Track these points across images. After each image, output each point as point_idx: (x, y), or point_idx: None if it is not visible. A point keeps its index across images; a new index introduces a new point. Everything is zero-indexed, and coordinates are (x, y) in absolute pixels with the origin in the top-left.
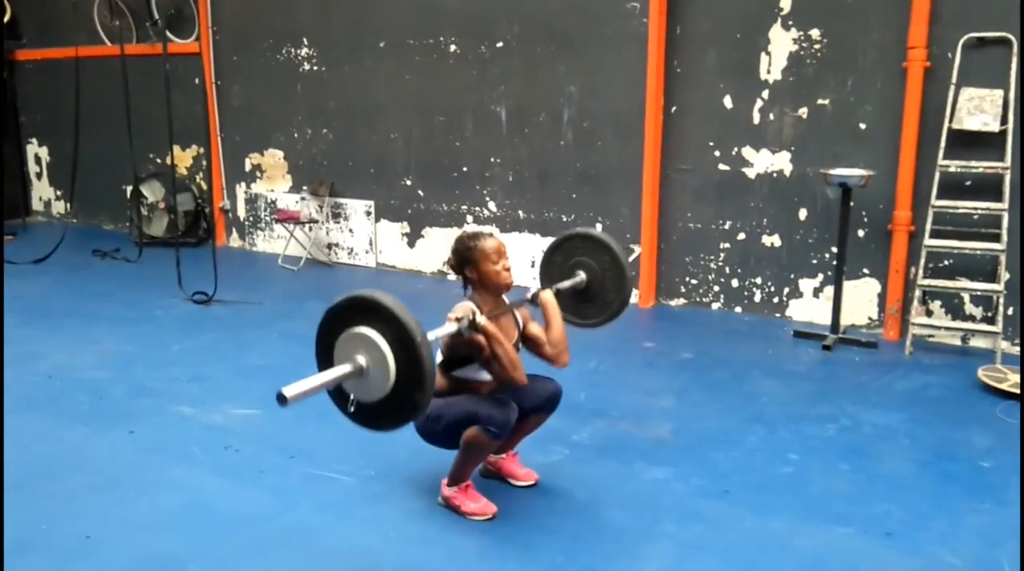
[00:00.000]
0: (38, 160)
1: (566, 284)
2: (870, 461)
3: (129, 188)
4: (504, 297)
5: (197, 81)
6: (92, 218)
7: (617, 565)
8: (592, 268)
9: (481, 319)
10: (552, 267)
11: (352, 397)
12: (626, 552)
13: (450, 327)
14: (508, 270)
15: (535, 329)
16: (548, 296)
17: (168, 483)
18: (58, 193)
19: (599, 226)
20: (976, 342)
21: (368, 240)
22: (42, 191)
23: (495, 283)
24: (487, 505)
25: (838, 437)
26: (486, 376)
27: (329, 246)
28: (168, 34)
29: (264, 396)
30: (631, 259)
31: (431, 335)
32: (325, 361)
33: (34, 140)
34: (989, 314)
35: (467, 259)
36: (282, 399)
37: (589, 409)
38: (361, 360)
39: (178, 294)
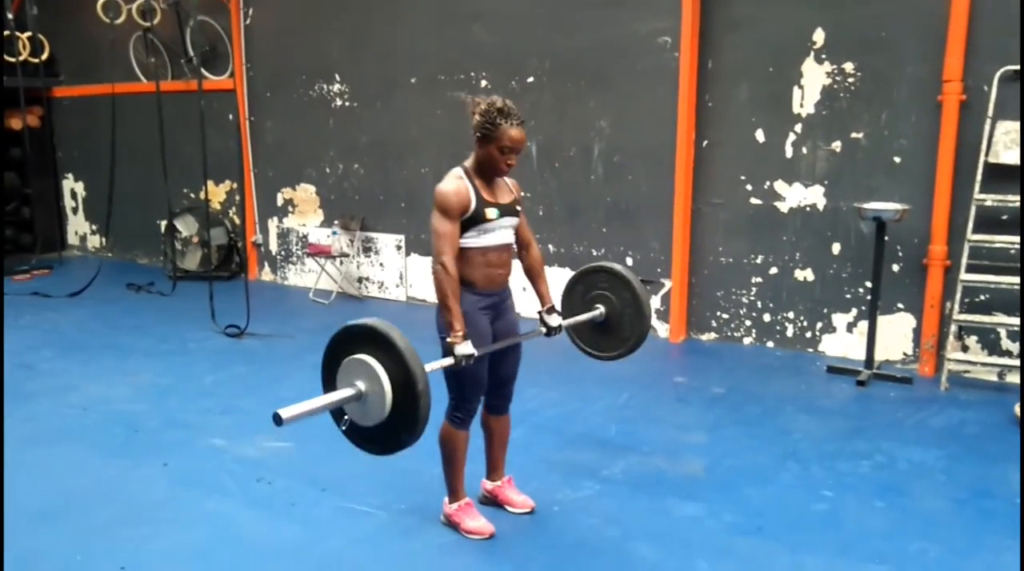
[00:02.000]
0: (74, 195)
1: (583, 317)
2: (906, 498)
3: (164, 223)
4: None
5: (231, 117)
6: (127, 252)
7: None
8: (612, 302)
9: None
10: (573, 297)
11: (347, 416)
12: None
13: (446, 361)
14: (509, 166)
15: (524, 228)
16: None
17: (201, 515)
18: (93, 227)
19: (629, 260)
20: (1012, 378)
21: (399, 274)
22: (78, 226)
23: (490, 167)
24: (486, 525)
25: (873, 474)
26: (482, 242)
27: (360, 280)
28: (203, 71)
29: (296, 429)
30: (662, 293)
31: (428, 368)
32: (330, 373)
33: (70, 175)
34: (1022, 349)
35: (486, 133)
36: (278, 420)
37: (620, 444)
38: (361, 386)
39: (211, 327)
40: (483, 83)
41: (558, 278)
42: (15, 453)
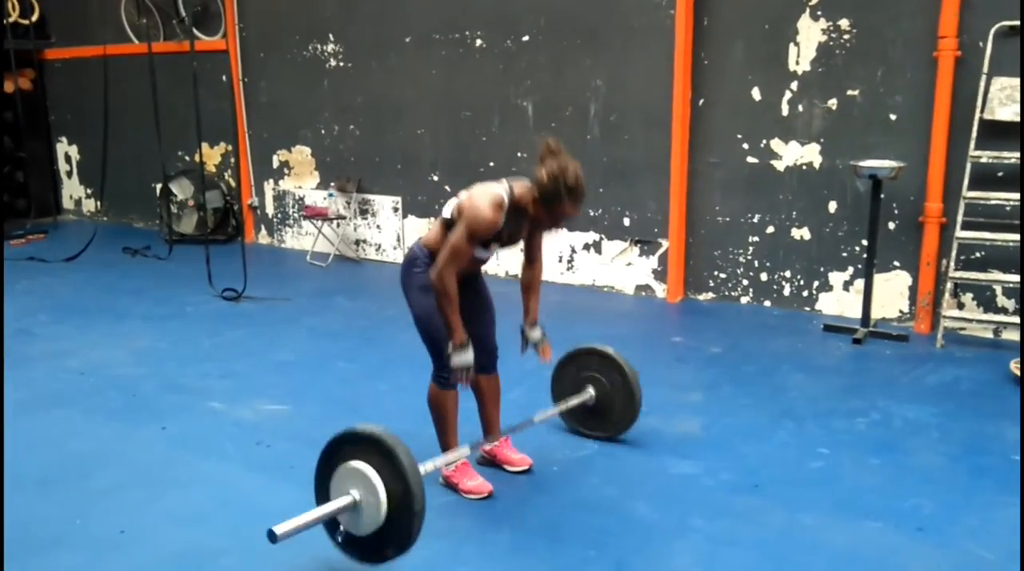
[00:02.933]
0: (68, 159)
1: (574, 401)
2: (901, 455)
3: (159, 186)
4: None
5: (224, 78)
6: (122, 216)
7: (647, 559)
8: (602, 385)
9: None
10: (565, 376)
11: (341, 527)
12: (656, 546)
13: (441, 461)
14: (554, 227)
15: (538, 247)
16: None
17: (200, 478)
18: (88, 191)
19: (626, 221)
20: (1008, 335)
21: (396, 236)
22: (72, 189)
23: (535, 218)
24: (483, 484)
25: (868, 431)
26: (473, 253)
27: (357, 242)
28: (195, 31)
29: (294, 391)
30: (659, 253)
31: (422, 469)
32: (325, 476)
33: (64, 139)
34: (1021, 306)
35: (548, 198)
36: (272, 537)
37: None
38: (355, 495)
39: (208, 291)
40: (478, 43)
41: (555, 240)
42: (13, 418)
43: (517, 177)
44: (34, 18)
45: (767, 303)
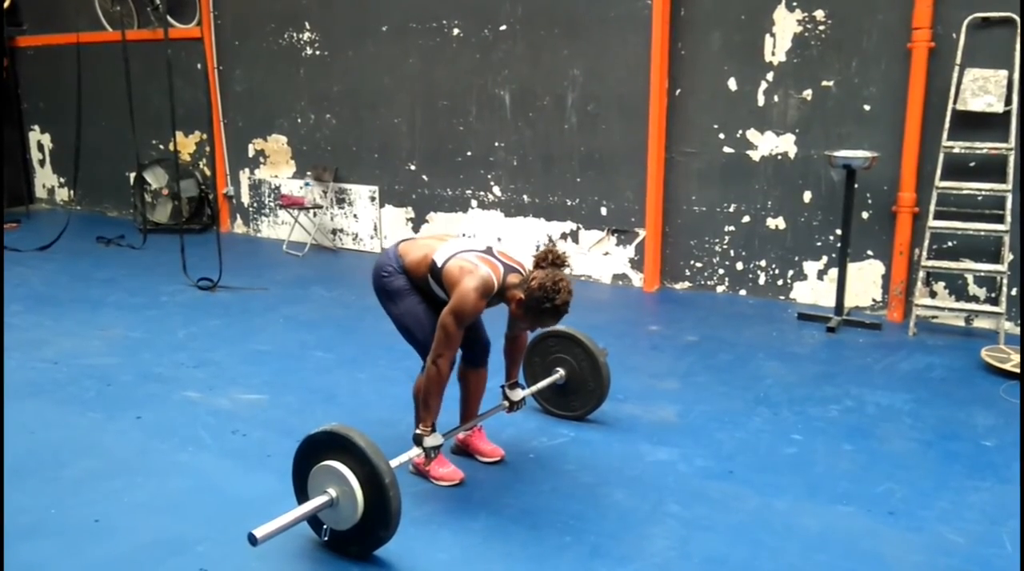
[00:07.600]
0: (41, 147)
1: (543, 383)
2: (873, 441)
3: (132, 175)
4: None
5: (199, 66)
6: (96, 205)
7: (623, 544)
8: (569, 362)
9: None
10: (532, 367)
11: (325, 526)
12: (632, 532)
13: (415, 451)
14: (530, 328)
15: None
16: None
17: (176, 467)
18: (61, 180)
19: (603, 210)
20: (979, 323)
21: (373, 225)
22: (45, 178)
23: (513, 314)
24: (455, 471)
25: (842, 418)
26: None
27: (334, 232)
28: (169, 19)
29: (271, 381)
30: (636, 242)
31: (395, 462)
32: (302, 486)
33: (36, 127)
34: (992, 295)
35: (532, 305)
36: (252, 540)
37: None
38: (332, 492)
39: (183, 280)
40: (455, 31)
41: (533, 229)
42: None
43: (515, 263)
44: (6, 5)
45: (742, 292)
